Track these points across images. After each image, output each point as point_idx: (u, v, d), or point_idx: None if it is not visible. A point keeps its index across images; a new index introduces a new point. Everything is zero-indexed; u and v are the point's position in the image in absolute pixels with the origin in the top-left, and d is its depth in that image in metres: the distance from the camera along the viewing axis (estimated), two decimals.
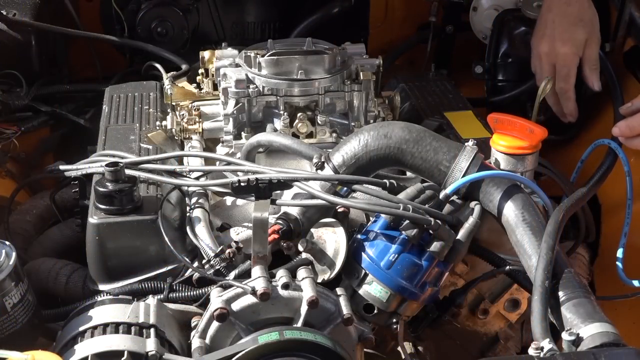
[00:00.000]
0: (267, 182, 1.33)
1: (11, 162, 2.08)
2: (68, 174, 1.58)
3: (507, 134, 1.46)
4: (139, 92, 1.86)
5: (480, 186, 1.35)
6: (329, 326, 1.26)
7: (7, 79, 2.07)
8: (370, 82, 1.70)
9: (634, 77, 2.11)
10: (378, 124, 1.42)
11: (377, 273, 1.29)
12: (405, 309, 1.32)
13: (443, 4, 2.46)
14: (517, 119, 1.40)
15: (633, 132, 1.62)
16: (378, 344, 1.49)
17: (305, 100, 1.69)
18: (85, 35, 2.30)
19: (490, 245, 1.45)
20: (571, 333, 1.11)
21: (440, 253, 1.29)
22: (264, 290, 1.21)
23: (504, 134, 1.47)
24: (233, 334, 1.24)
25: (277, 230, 1.31)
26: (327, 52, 1.68)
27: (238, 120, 1.69)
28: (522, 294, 1.54)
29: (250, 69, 1.68)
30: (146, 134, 1.66)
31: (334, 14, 2.38)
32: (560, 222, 1.28)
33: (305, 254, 1.32)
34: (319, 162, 1.40)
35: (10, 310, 1.21)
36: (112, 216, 1.38)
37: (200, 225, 1.40)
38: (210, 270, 1.32)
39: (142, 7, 2.29)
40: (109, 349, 1.16)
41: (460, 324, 1.54)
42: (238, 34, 2.43)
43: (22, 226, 1.79)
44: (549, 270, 1.19)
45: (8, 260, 1.21)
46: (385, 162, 1.38)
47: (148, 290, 1.35)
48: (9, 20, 2.06)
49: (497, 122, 1.42)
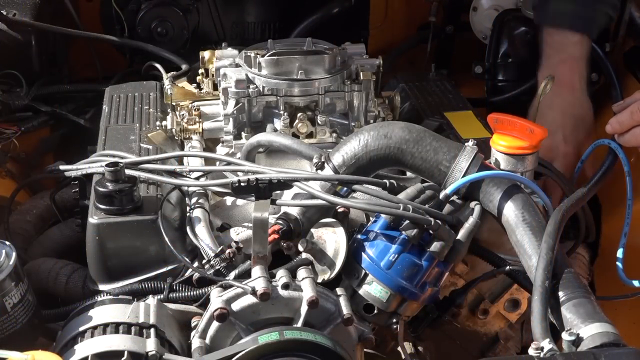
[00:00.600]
0: (267, 182, 1.33)
1: (11, 162, 2.08)
2: (68, 174, 1.58)
3: (507, 134, 1.46)
4: (139, 92, 1.86)
5: (480, 186, 1.35)
6: (329, 326, 1.26)
7: (7, 79, 2.07)
8: (370, 82, 1.70)
9: (634, 77, 2.12)
10: (378, 124, 1.42)
11: (377, 273, 1.29)
12: (405, 309, 1.32)
13: (443, 4, 2.47)
14: (517, 119, 1.40)
15: (623, 128, 1.62)
16: (378, 344, 1.49)
17: (305, 100, 1.69)
18: (85, 35, 2.30)
19: (490, 245, 1.45)
20: (571, 333, 1.11)
21: (441, 253, 1.29)
22: (264, 290, 1.21)
23: (504, 134, 1.47)
24: (233, 334, 1.24)
25: (277, 230, 1.31)
26: (327, 52, 1.68)
27: (238, 120, 1.69)
28: (522, 294, 1.54)
29: (250, 69, 1.68)
30: (146, 134, 1.66)
31: (334, 14, 2.38)
32: (560, 222, 1.28)
33: (305, 254, 1.32)
34: (319, 162, 1.40)
35: (10, 310, 1.21)
36: (112, 216, 1.37)
37: (200, 225, 1.40)
38: (210, 270, 1.32)
39: (142, 7, 2.30)
40: (109, 349, 1.16)
41: (460, 324, 1.54)
42: (238, 34, 2.43)
43: (22, 226, 1.79)
44: (549, 270, 1.19)
45: (8, 260, 1.21)
46: (385, 162, 1.38)
47: (148, 290, 1.35)
48: (9, 20, 2.06)
49: (497, 122, 1.42)
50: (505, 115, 1.42)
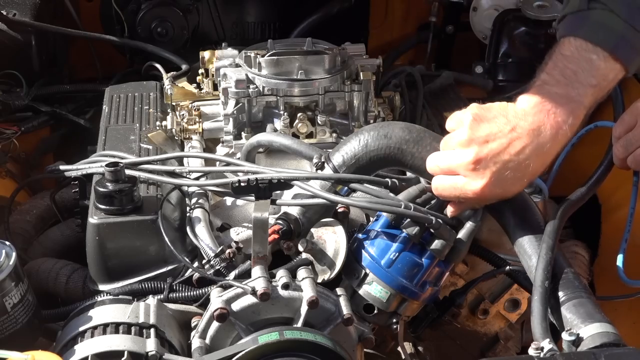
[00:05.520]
0: (267, 182, 1.33)
1: (11, 162, 2.08)
2: (68, 174, 1.58)
3: None
4: (139, 92, 1.85)
5: None
6: (329, 326, 1.26)
7: (7, 79, 2.06)
8: (370, 82, 1.70)
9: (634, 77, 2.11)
10: (378, 124, 1.42)
11: (378, 271, 1.29)
12: (405, 309, 1.32)
13: (443, 4, 2.46)
14: None
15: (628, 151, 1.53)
16: (378, 344, 1.49)
17: (305, 100, 1.69)
18: (85, 35, 2.30)
19: (490, 245, 1.45)
20: (571, 333, 1.11)
21: (441, 252, 1.29)
22: (264, 291, 1.21)
23: None
24: (233, 334, 1.24)
25: (277, 231, 1.31)
26: (327, 52, 1.68)
27: (238, 121, 1.69)
28: (522, 294, 1.54)
29: (250, 69, 1.68)
30: (146, 134, 1.66)
31: (334, 14, 2.38)
32: (560, 222, 1.28)
33: (305, 254, 1.32)
34: (319, 162, 1.40)
35: (10, 310, 1.21)
36: (112, 216, 1.37)
37: (200, 226, 1.40)
38: (210, 271, 1.32)
39: (142, 7, 2.30)
40: (109, 349, 1.16)
41: (460, 324, 1.54)
42: (238, 34, 2.43)
43: (22, 226, 1.79)
44: (549, 270, 1.20)
45: (8, 260, 1.21)
46: (385, 162, 1.38)
47: (148, 290, 1.35)
48: (9, 20, 2.06)
49: None
50: None
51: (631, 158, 1.42)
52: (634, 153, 1.41)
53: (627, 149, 1.43)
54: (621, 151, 1.43)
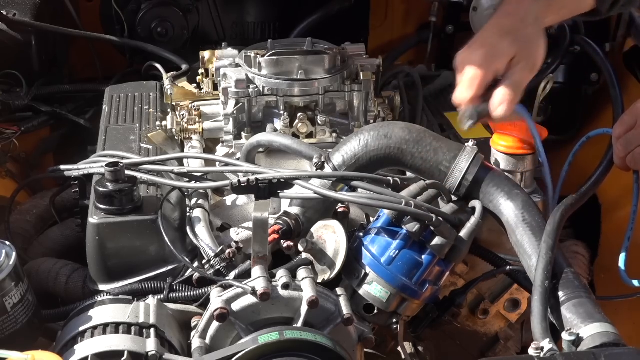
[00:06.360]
0: (267, 182, 1.33)
1: (11, 162, 2.08)
2: (69, 174, 1.58)
3: (507, 134, 1.47)
4: (139, 92, 1.86)
5: (480, 186, 1.35)
6: (329, 326, 1.26)
7: (7, 79, 2.07)
8: (370, 82, 1.70)
9: (634, 77, 2.12)
10: (378, 124, 1.42)
11: (378, 269, 1.29)
12: (405, 309, 1.32)
13: (443, 4, 2.46)
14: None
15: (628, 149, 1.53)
16: (378, 344, 1.49)
17: (305, 100, 1.69)
18: (86, 35, 2.30)
19: (490, 245, 1.45)
20: (571, 333, 1.11)
21: (441, 249, 1.29)
22: (264, 291, 1.21)
23: (504, 134, 1.47)
24: (233, 334, 1.24)
25: (277, 230, 1.31)
26: (327, 52, 1.68)
27: (238, 121, 1.69)
28: (522, 294, 1.54)
29: (250, 69, 1.68)
30: (146, 134, 1.66)
31: (334, 14, 2.38)
32: (560, 222, 1.28)
33: (305, 254, 1.32)
34: (319, 162, 1.40)
35: (10, 310, 1.21)
36: (112, 216, 1.37)
37: (200, 226, 1.40)
38: (211, 271, 1.32)
39: (142, 7, 2.30)
40: (109, 349, 1.16)
41: (460, 324, 1.54)
42: (238, 34, 2.43)
43: (22, 226, 1.79)
44: (549, 270, 1.20)
45: (8, 260, 1.21)
46: (385, 162, 1.38)
47: (148, 290, 1.35)
48: (9, 20, 2.06)
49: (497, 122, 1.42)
50: None
51: (630, 157, 1.43)
52: (634, 152, 1.42)
53: (626, 149, 1.44)
54: (621, 150, 1.44)
